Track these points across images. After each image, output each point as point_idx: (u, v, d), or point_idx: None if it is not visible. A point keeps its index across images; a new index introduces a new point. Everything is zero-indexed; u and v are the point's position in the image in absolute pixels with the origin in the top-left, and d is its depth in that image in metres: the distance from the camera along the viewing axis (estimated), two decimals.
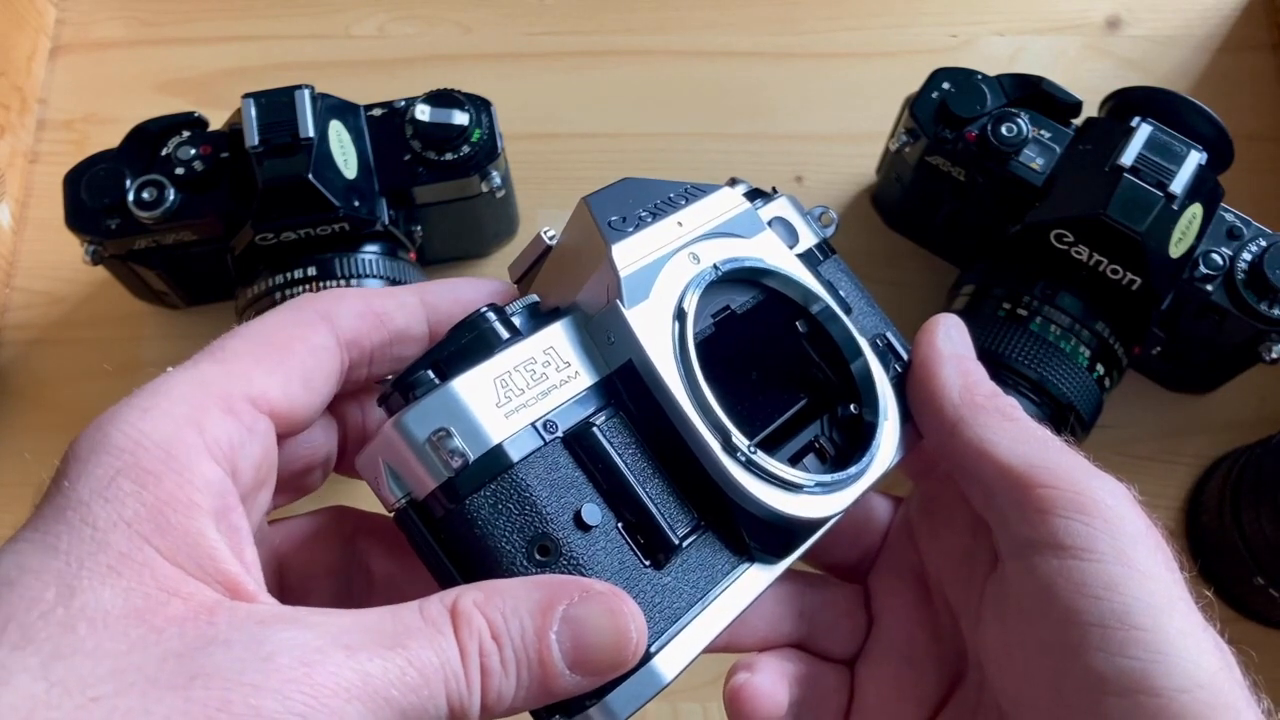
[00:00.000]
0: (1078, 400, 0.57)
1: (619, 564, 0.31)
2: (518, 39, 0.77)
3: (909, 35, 0.77)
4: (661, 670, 0.31)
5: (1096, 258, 0.56)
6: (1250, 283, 0.57)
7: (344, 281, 0.59)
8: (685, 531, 0.32)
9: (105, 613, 0.24)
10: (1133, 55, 0.77)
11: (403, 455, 0.30)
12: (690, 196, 0.36)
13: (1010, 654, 0.34)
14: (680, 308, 0.33)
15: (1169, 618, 0.30)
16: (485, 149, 0.62)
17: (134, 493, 0.26)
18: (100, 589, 0.24)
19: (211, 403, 0.28)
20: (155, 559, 0.25)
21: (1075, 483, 0.33)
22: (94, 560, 0.25)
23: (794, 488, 0.33)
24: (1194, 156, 0.55)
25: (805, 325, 0.37)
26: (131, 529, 0.25)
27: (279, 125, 0.57)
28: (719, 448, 0.32)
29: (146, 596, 0.25)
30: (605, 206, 0.34)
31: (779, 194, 0.40)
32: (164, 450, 0.27)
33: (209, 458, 0.27)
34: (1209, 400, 0.67)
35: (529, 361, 0.31)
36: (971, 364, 0.37)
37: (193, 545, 0.26)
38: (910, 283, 0.70)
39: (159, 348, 0.69)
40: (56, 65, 0.77)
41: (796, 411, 0.37)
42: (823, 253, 0.40)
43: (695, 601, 0.32)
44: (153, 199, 0.58)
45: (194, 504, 0.26)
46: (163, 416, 0.27)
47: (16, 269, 0.71)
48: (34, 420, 0.67)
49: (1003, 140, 0.59)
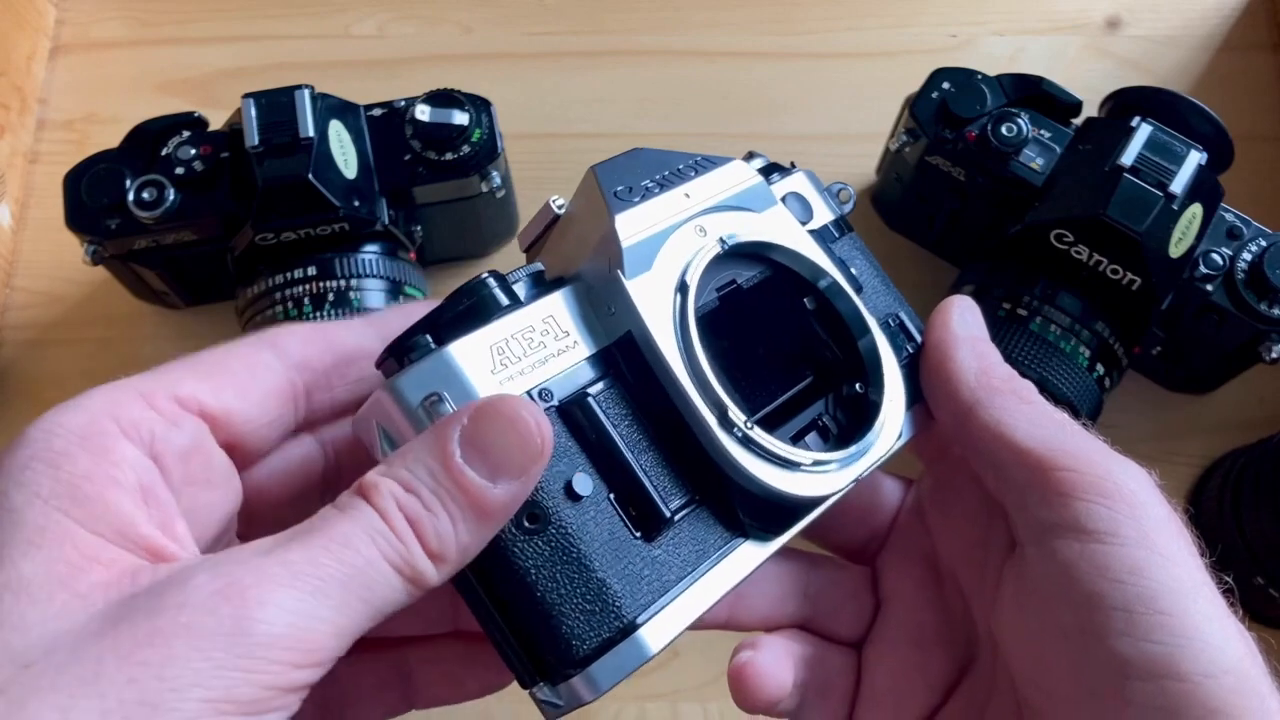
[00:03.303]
0: (1078, 400, 0.57)
1: (609, 534, 0.31)
2: (518, 39, 0.77)
3: (909, 35, 0.77)
4: (647, 642, 0.30)
5: (1096, 258, 0.56)
6: (1250, 283, 0.57)
7: (344, 281, 0.59)
8: (678, 505, 0.32)
9: (27, 583, 0.24)
10: (1133, 55, 0.77)
11: (395, 419, 0.29)
12: (700, 168, 0.36)
13: (1030, 639, 0.33)
14: (683, 280, 0.33)
15: (1194, 602, 0.30)
16: (485, 149, 0.62)
17: (47, 472, 0.26)
18: (20, 562, 0.25)
19: (129, 397, 0.29)
20: (74, 529, 0.26)
21: (1096, 466, 0.32)
22: (11, 537, 0.25)
23: (791, 465, 0.33)
24: (1194, 156, 0.55)
25: (813, 302, 0.37)
26: (48, 504, 0.26)
27: (279, 125, 0.57)
28: (715, 422, 0.32)
29: (68, 564, 0.25)
30: (612, 176, 0.34)
31: (796, 169, 0.40)
32: (78, 435, 0.27)
33: (124, 439, 0.28)
34: (1209, 400, 0.67)
35: (527, 329, 0.31)
36: (986, 346, 0.37)
37: (112, 514, 0.26)
38: (910, 283, 0.70)
39: (159, 348, 0.69)
40: (56, 65, 0.77)
41: (801, 389, 0.36)
42: (839, 229, 0.39)
43: (685, 575, 0.32)
44: (153, 199, 0.58)
45: (110, 478, 0.27)
46: (78, 409, 0.28)
47: (16, 269, 0.71)
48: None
49: (1003, 140, 0.59)
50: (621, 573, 0.30)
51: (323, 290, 0.59)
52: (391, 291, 0.61)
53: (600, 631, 0.30)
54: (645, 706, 0.61)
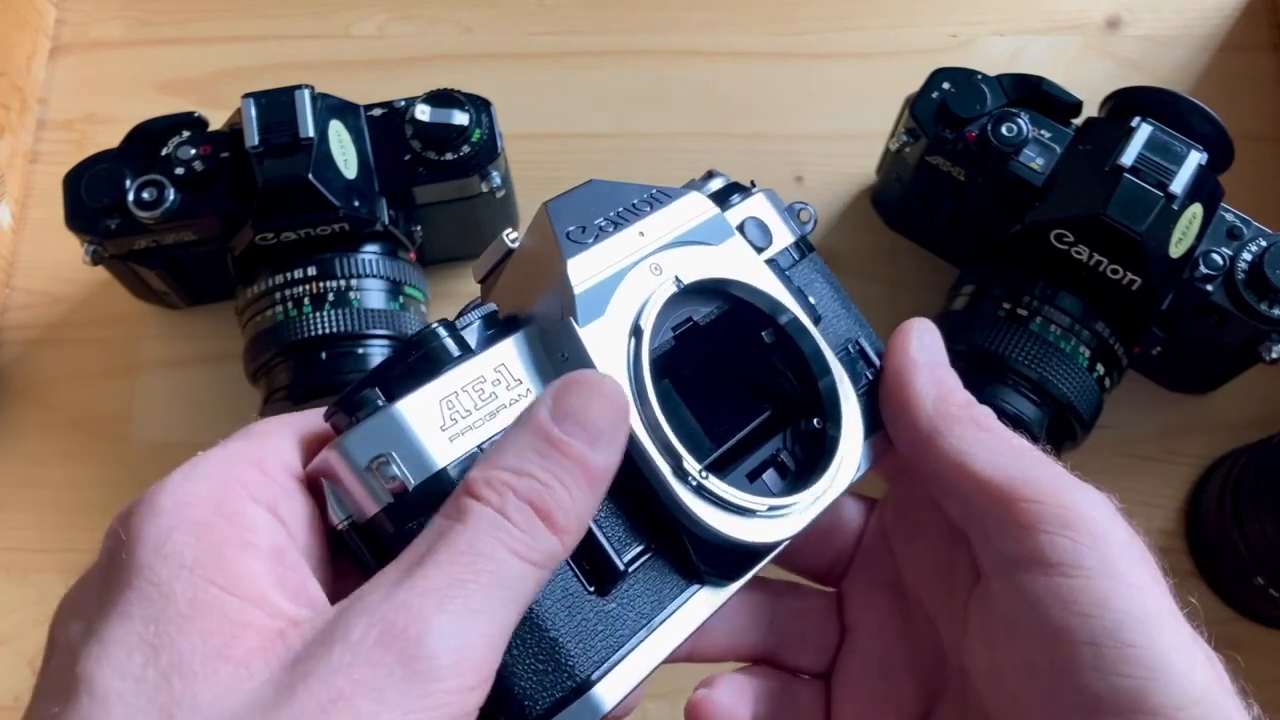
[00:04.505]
0: (1078, 400, 0.57)
1: (561, 591, 0.30)
2: (518, 39, 0.77)
3: (909, 35, 0.77)
4: (601, 699, 0.30)
5: (1096, 258, 0.56)
6: (1250, 283, 0.57)
7: (344, 281, 0.59)
8: (633, 555, 0.32)
9: (189, 661, 0.24)
10: (1133, 55, 0.77)
11: (343, 479, 0.29)
12: (656, 202, 0.35)
13: (1000, 674, 0.33)
14: (637, 325, 0.32)
15: (1160, 632, 0.30)
16: (485, 149, 0.62)
17: (189, 543, 0.26)
18: (179, 640, 0.25)
19: (245, 464, 0.29)
20: (222, 597, 0.26)
21: (1058, 495, 0.32)
22: (164, 612, 0.25)
23: (746, 513, 0.33)
24: (1194, 156, 0.55)
25: (771, 335, 0.36)
26: (194, 574, 0.26)
27: (279, 125, 0.57)
28: (669, 473, 0.32)
29: (222, 635, 0.25)
30: (566, 213, 0.33)
31: (756, 189, 0.39)
32: (211, 502, 0.27)
33: (254, 503, 0.28)
34: (1209, 400, 0.67)
35: (478, 381, 0.31)
36: (944, 372, 0.36)
37: (252, 579, 0.26)
38: (910, 283, 0.70)
39: (159, 348, 0.69)
40: (56, 65, 0.77)
41: (759, 424, 0.36)
42: (800, 250, 0.39)
43: (640, 628, 0.32)
44: (153, 199, 0.58)
45: (248, 543, 0.27)
46: (203, 477, 0.28)
47: (16, 269, 0.71)
48: (34, 420, 0.67)
49: (1003, 140, 0.58)
50: (574, 630, 0.30)
51: (323, 290, 0.59)
52: (391, 291, 0.61)
53: (553, 692, 0.30)
54: (645, 707, 0.61)
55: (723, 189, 0.39)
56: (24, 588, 0.63)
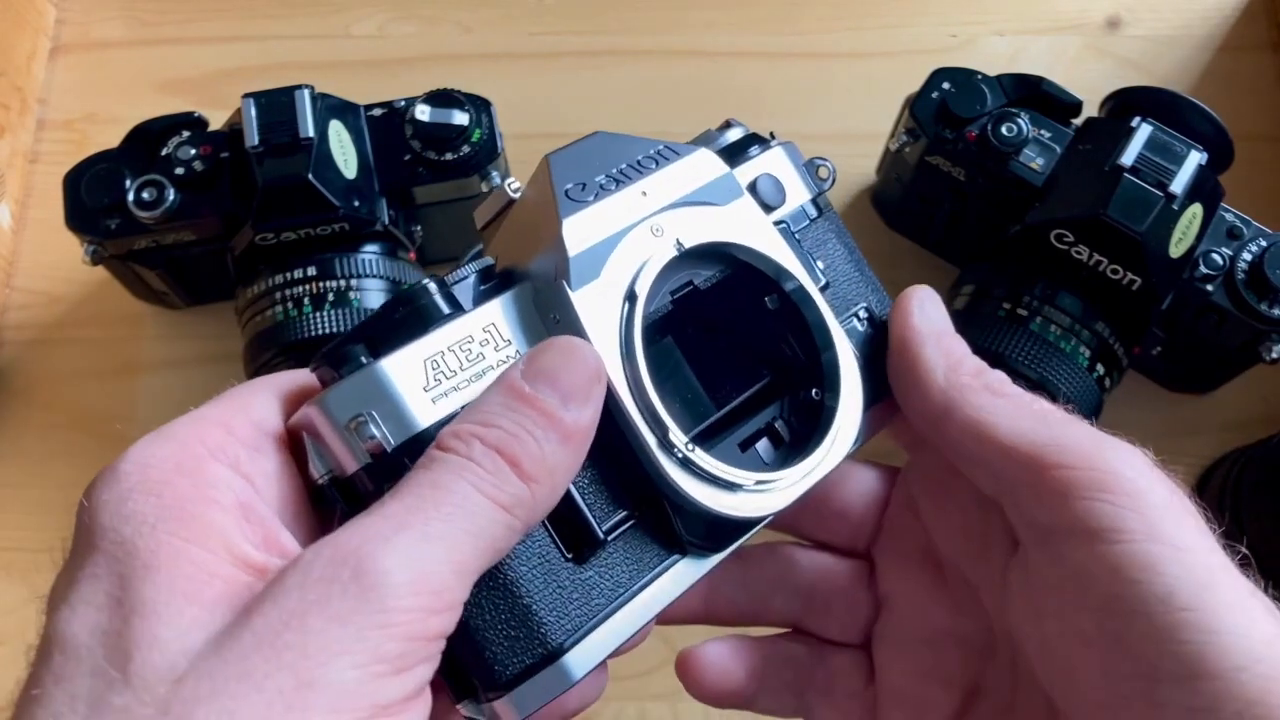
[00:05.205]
0: (1078, 400, 0.57)
1: (538, 558, 0.30)
2: (518, 39, 0.77)
3: (909, 35, 0.77)
4: (571, 668, 0.30)
5: (1096, 258, 0.56)
6: (1250, 283, 0.57)
7: (344, 281, 0.59)
8: (614, 523, 0.31)
9: (152, 605, 0.25)
10: (1133, 55, 0.77)
11: (324, 435, 0.29)
12: (662, 159, 0.34)
13: (1050, 646, 0.32)
14: (632, 290, 0.31)
15: (1213, 592, 0.29)
16: (485, 149, 0.62)
17: (151, 501, 0.26)
18: (143, 588, 0.25)
19: (210, 425, 0.29)
20: (188, 548, 0.26)
21: (1090, 458, 0.31)
22: (129, 568, 0.25)
23: (732, 487, 0.32)
24: (1194, 156, 0.55)
25: (775, 301, 0.35)
26: (156, 530, 0.26)
27: (279, 125, 0.57)
28: (655, 444, 0.31)
29: (189, 580, 0.25)
30: (567, 169, 0.32)
31: (775, 142, 0.38)
32: (171, 462, 0.27)
33: (216, 462, 0.28)
34: (1209, 400, 0.67)
35: (465, 340, 0.30)
36: (951, 340, 0.35)
37: (218, 533, 0.26)
38: (910, 283, 0.69)
39: (159, 348, 0.69)
40: (56, 65, 0.77)
41: (757, 390, 0.35)
42: (817, 208, 0.37)
43: (616, 598, 0.31)
44: (153, 199, 0.58)
45: (210, 499, 0.27)
46: (165, 440, 0.28)
47: (16, 269, 0.71)
48: (34, 420, 0.67)
49: (1003, 140, 0.58)
50: (549, 598, 0.30)
51: (323, 290, 0.59)
52: (391, 291, 0.61)
53: (524, 658, 0.29)
54: (645, 706, 0.61)
55: (740, 140, 0.37)
56: (24, 588, 0.63)
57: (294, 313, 0.59)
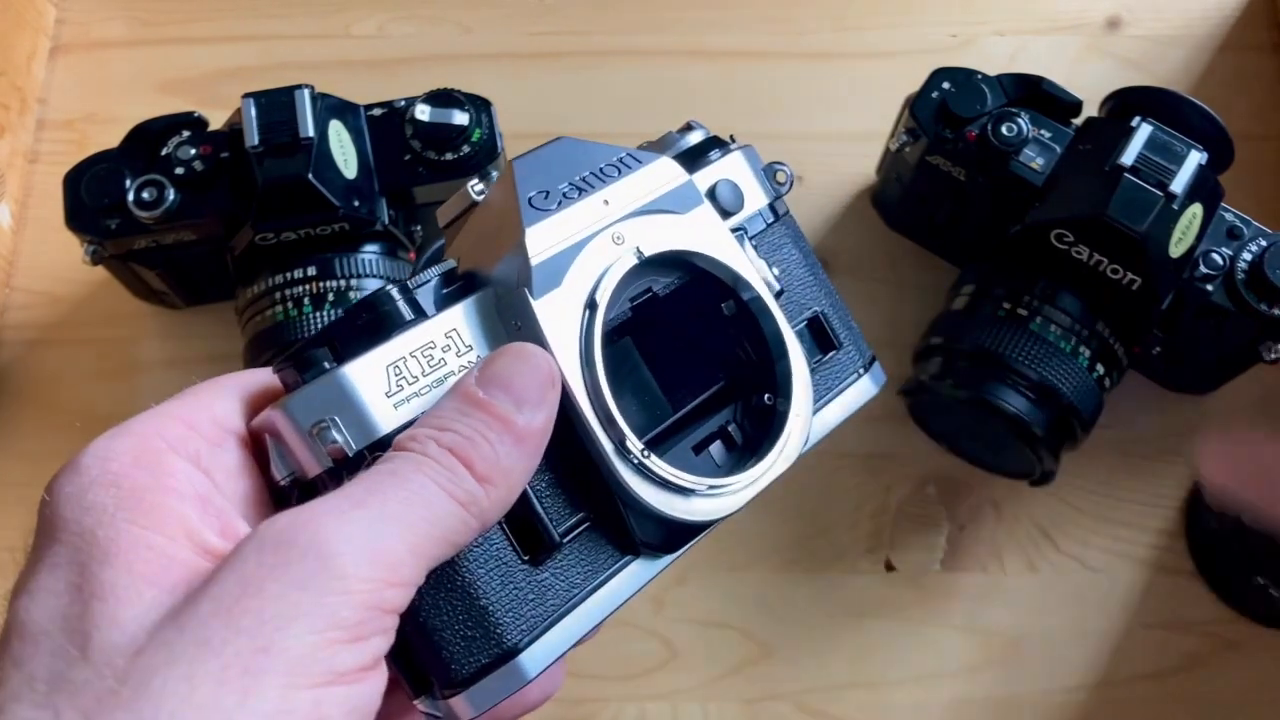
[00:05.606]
0: (1078, 400, 0.57)
1: (495, 560, 0.31)
2: (518, 39, 0.77)
3: (909, 35, 0.77)
4: (526, 667, 0.31)
5: (1097, 258, 0.56)
6: (1250, 283, 0.57)
7: (344, 281, 0.59)
8: (569, 526, 0.32)
9: (112, 587, 0.25)
10: (1133, 55, 0.77)
11: (286, 439, 0.29)
12: (624, 167, 0.35)
13: None
14: (592, 298, 0.32)
15: None
16: (485, 149, 0.62)
17: (110, 492, 0.27)
18: (102, 573, 0.25)
19: (170, 420, 0.29)
20: (147, 535, 0.26)
21: None
22: (89, 555, 0.26)
23: (685, 492, 0.33)
24: (1194, 156, 0.55)
25: (731, 307, 0.36)
26: (115, 518, 0.26)
27: (279, 125, 0.57)
28: (611, 450, 0.32)
29: (149, 564, 0.26)
30: (531, 176, 0.33)
31: (735, 145, 0.38)
32: (130, 455, 0.27)
33: (175, 455, 0.28)
34: (1209, 400, 0.67)
35: (427, 346, 0.31)
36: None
37: (178, 520, 0.27)
38: (910, 283, 0.70)
39: (159, 348, 0.69)
40: (56, 65, 0.77)
41: (712, 394, 0.36)
42: (774, 213, 0.38)
43: (570, 598, 0.32)
44: (153, 199, 0.58)
45: (170, 489, 0.27)
46: (125, 434, 0.28)
47: (16, 269, 0.71)
48: (34, 420, 0.67)
49: (1003, 140, 0.59)
50: (505, 600, 0.31)
51: (323, 290, 0.59)
52: None
53: (479, 657, 0.30)
54: (645, 707, 0.61)
55: (700, 143, 0.38)
56: None
57: (294, 313, 0.59)
